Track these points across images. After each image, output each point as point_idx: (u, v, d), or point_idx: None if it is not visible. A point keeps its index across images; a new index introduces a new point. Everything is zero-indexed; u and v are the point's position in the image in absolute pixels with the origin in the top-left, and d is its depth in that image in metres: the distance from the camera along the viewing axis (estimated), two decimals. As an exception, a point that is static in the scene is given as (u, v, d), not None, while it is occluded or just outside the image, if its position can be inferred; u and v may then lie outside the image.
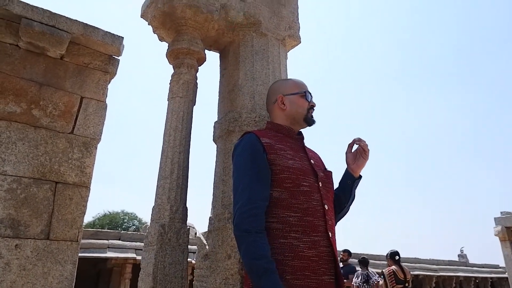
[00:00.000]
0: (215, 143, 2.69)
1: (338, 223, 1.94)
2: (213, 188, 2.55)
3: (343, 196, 1.88)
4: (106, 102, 4.75)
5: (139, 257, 11.13)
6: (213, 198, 2.52)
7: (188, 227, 2.20)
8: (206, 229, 2.62)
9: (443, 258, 16.79)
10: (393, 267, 5.57)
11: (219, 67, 2.94)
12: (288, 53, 3.01)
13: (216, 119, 2.76)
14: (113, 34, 4.57)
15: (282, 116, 1.88)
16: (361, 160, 1.85)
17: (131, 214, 26.17)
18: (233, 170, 1.73)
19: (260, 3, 2.81)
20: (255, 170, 1.64)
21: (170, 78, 2.49)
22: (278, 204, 1.64)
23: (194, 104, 2.49)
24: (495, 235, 13.16)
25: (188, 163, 2.33)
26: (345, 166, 1.99)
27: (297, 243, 1.52)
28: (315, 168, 1.78)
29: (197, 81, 2.56)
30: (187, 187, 2.27)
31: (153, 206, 2.19)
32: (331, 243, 1.57)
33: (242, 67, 2.65)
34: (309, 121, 1.85)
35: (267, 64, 2.67)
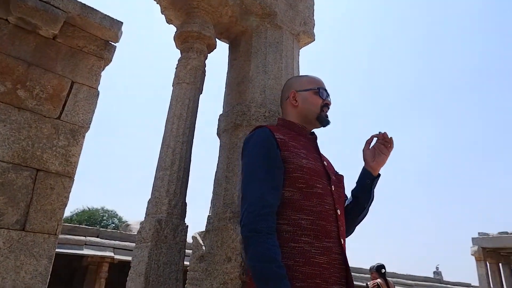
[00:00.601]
0: (219, 137, 2.51)
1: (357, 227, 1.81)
2: (214, 185, 2.35)
3: (363, 197, 1.75)
4: (99, 90, 4.52)
5: (117, 256, 10.76)
6: (213, 196, 2.33)
7: (186, 224, 2.00)
8: (199, 229, 2.43)
9: (419, 274, 17.11)
10: (378, 280, 5.52)
11: (227, 58, 2.77)
12: (300, 51, 2.86)
13: (221, 112, 2.59)
14: (112, 18, 4.35)
15: (294, 114, 1.75)
16: (382, 157, 1.73)
17: (112, 211, 25.56)
18: (243, 166, 1.57)
19: (276, -7, 2.66)
20: (267, 166, 1.50)
21: (177, 63, 2.31)
22: (290, 205, 1.51)
23: (201, 93, 2.31)
24: (472, 254, 13.30)
25: (190, 155, 2.14)
26: (356, 167, 1.85)
27: (309, 248, 1.39)
28: (328, 170, 1.65)
29: (205, 68, 2.38)
30: (187, 180, 2.08)
31: (149, 199, 1.99)
32: (343, 250, 1.45)
33: (254, 58, 2.48)
34: (323, 121, 1.72)
35: (280, 58, 2.52)
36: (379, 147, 1.75)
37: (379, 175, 1.73)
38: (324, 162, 1.67)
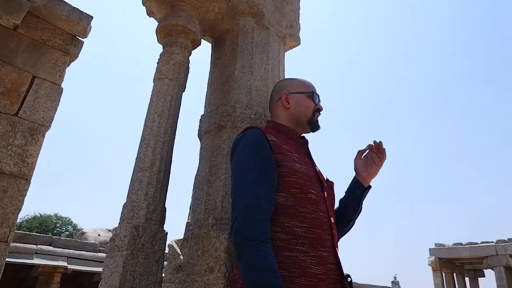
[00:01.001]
0: (200, 139, 2.36)
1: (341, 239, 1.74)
2: (194, 189, 2.20)
3: (351, 208, 1.70)
4: (62, 86, 4.20)
5: (71, 266, 10.11)
6: (193, 201, 2.17)
7: (165, 231, 1.83)
8: (176, 237, 2.25)
9: (378, 284, 17.53)
10: None
11: (210, 56, 2.64)
12: (285, 54, 2.79)
13: (203, 113, 2.44)
14: (81, 11, 4.09)
15: (285, 116, 1.68)
16: (374, 168, 1.69)
17: (66, 218, 24.16)
18: (234, 167, 1.47)
19: (264, -7, 2.58)
20: (260, 169, 1.40)
21: (159, 57, 2.15)
22: (284, 211, 1.42)
23: (184, 90, 2.16)
24: (429, 264, 13.80)
25: (171, 156, 1.98)
26: (346, 176, 1.80)
27: (304, 257, 1.31)
28: (320, 176, 1.58)
29: (189, 65, 2.24)
30: (168, 183, 1.92)
31: (125, 203, 1.81)
32: (338, 260, 1.38)
33: (240, 58, 2.37)
34: (314, 125, 1.66)
35: (266, 59, 2.43)
36: (371, 157, 1.71)
37: (369, 186, 1.70)
38: (316, 167, 1.60)
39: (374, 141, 1.69)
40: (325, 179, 1.63)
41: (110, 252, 1.69)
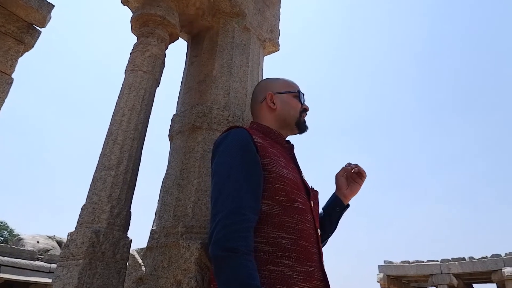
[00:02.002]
0: (170, 140, 2.19)
1: None
2: (162, 193, 2.01)
3: (328, 225, 1.62)
4: (13, 77, 3.83)
5: (4, 275, 9.22)
6: (160, 206, 1.98)
7: (129, 238, 1.63)
8: (138, 246, 2.04)
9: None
10: None
11: (186, 54, 2.49)
12: (264, 59, 2.70)
13: (175, 112, 2.27)
14: (42, -2, 3.77)
15: (271, 118, 1.57)
16: (356, 186, 1.63)
17: (1, 223, 22.21)
18: (216, 168, 1.33)
19: (247, -6, 2.49)
20: (245, 173, 1.27)
21: (133, 48, 1.97)
22: (268, 220, 1.30)
23: (158, 85, 1.99)
24: (378, 281, 14.16)
25: (140, 155, 1.79)
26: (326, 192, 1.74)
27: (290, 272, 1.20)
28: (306, 184, 1.48)
29: (165, 59, 2.08)
30: (135, 185, 1.73)
31: (84, 205, 1.60)
32: (325, 276, 1.28)
33: (219, 57, 2.24)
34: (302, 126, 1.57)
35: (246, 61, 2.32)
36: (351, 176, 1.65)
37: (348, 205, 1.63)
38: (302, 175, 1.50)
39: (349, 164, 1.64)
40: (311, 187, 1.53)
41: (63, 261, 1.47)
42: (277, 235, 1.26)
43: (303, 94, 1.61)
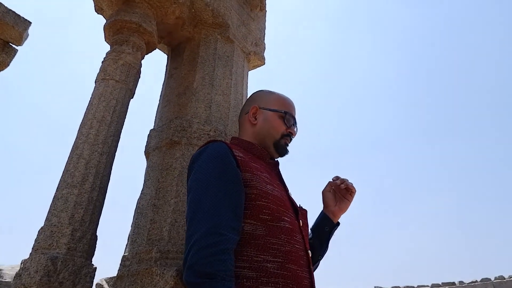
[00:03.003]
0: (147, 157, 2.01)
1: None
2: (136, 215, 1.82)
3: (318, 246, 1.45)
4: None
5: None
6: (133, 230, 1.78)
7: (94, 266, 1.43)
8: (107, 274, 1.82)
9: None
10: None
11: (166, 66, 2.35)
12: (248, 73, 2.59)
13: (152, 127, 2.11)
14: (18, 15, 3.65)
15: (250, 133, 1.42)
16: (345, 202, 1.46)
17: (-22, 254, 21.19)
18: (190, 188, 1.16)
19: (231, 6, 2.40)
20: (224, 189, 1.11)
21: (105, 56, 1.83)
22: (252, 242, 1.13)
23: (132, 97, 1.84)
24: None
25: (110, 172, 1.61)
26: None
27: None
28: (294, 202, 1.32)
29: (141, 69, 1.93)
30: (102, 205, 1.54)
31: (42, 228, 1.40)
32: None
33: (200, 69, 2.11)
34: (280, 149, 1.40)
35: (230, 73, 2.19)
36: (340, 191, 1.48)
37: (338, 223, 1.46)
38: (289, 192, 1.34)
39: (337, 177, 1.48)
40: (299, 206, 1.36)
41: (13, 294, 1.26)
42: (261, 259, 1.09)
43: (293, 117, 1.43)
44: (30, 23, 3.63)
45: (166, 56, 2.42)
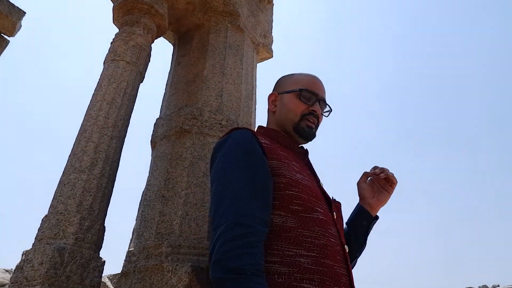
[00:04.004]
0: (153, 146, 1.89)
1: None
2: (142, 208, 1.69)
3: (355, 242, 1.33)
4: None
5: None
6: (139, 223, 1.65)
7: (102, 259, 1.30)
8: (110, 271, 1.68)
9: None
10: None
11: (172, 54, 2.24)
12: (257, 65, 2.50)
13: (159, 116, 1.99)
14: (12, 3, 3.50)
15: (272, 121, 1.31)
16: (384, 194, 1.34)
17: None
18: (214, 178, 1.05)
19: (241, -5, 2.31)
20: (251, 177, 1.01)
21: (114, 37, 1.71)
22: (282, 235, 1.02)
23: (142, 80, 1.72)
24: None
25: (119, 158, 1.49)
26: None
27: None
28: (326, 193, 1.22)
29: (151, 53, 1.82)
30: (111, 193, 1.42)
31: (46, 216, 1.26)
32: None
33: (211, 57, 2.01)
34: (301, 132, 1.25)
35: (240, 63, 2.10)
36: (379, 182, 1.36)
37: (377, 217, 1.36)
38: (320, 183, 1.24)
39: (375, 167, 1.37)
40: (332, 198, 1.26)
41: (14, 286, 1.12)
42: (294, 253, 0.99)
43: (314, 94, 1.29)
44: (25, 13, 3.47)
45: (172, 46, 2.31)
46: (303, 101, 1.26)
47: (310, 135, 1.28)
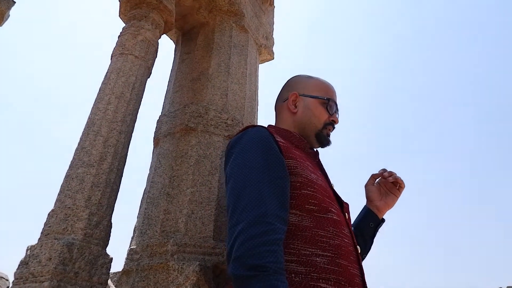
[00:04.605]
0: (156, 144, 1.86)
1: None
2: (145, 205, 1.66)
3: (362, 244, 1.37)
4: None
5: None
6: (141, 221, 1.62)
7: (110, 256, 1.28)
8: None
9: None
10: None
11: (174, 51, 2.22)
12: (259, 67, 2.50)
13: (162, 112, 1.96)
14: (1, -9, 3.40)
15: (290, 122, 1.33)
16: (391, 197, 1.38)
17: None
18: (230, 175, 1.06)
19: (246, -5, 2.31)
20: (269, 175, 1.03)
21: (122, 31, 1.68)
22: (298, 234, 1.05)
23: (149, 77, 1.70)
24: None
25: (127, 153, 1.46)
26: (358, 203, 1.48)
27: None
28: (337, 194, 1.25)
29: (158, 48, 1.80)
30: (118, 189, 1.39)
31: (53, 210, 1.22)
32: None
33: (216, 55, 2.00)
34: (322, 140, 1.31)
35: (245, 63, 2.10)
36: (387, 185, 1.40)
37: (383, 219, 1.39)
38: (332, 183, 1.26)
39: (384, 170, 1.39)
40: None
41: (19, 284, 1.08)
42: (310, 252, 1.00)
43: (336, 104, 1.34)
44: (14, 2, 3.38)
45: (175, 43, 2.29)
46: (328, 111, 1.29)
47: (328, 143, 1.32)
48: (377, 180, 1.39)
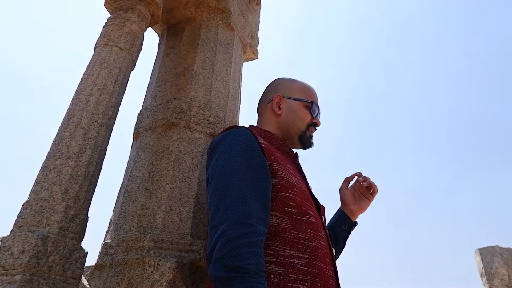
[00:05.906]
0: (136, 137, 1.84)
1: None
2: (121, 199, 1.64)
3: (335, 245, 1.42)
4: None
5: None
6: (117, 215, 1.60)
7: (85, 250, 1.26)
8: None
9: None
10: None
11: (159, 45, 2.19)
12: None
13: (144, 106, 1.94)
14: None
15: (273, 123, 1.37)
16: (365, 201, 1.45)
17: None
18: (213, 175, 1.08)
19: (233, -7, 2.30)
20: (252, 176, 1.06)
21: (107, 21, 1.65)
22: (277, 236, 1.09)
23: (133, 69, 1.68)
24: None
25: (107, 146, 1.44)
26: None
27: None
28: (314, 196, 1.29)
29: (143, 41, 1.77)
30: (96, 183, 1.37)
31: (27, 201, 1.19)
32: None
33: (201, 52, 1.99)
34: (305, 141, 1.37)
35: (229, 61, 2.10)
36: (360, 189, 1.46)
37: (356, 222, 1.44)
38: (309, 186, 1.29)
39: (359, 173, 1.45)
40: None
41: (-10, 276, 1.05)
42: (288, 254, 1.04)
43: (318, 107, 1.39)
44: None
45: (159, 37, 2.26)
46: (311, 113, 1.34)
47: (310, 145, 1.36)
48: (351, 183, 1.44)
